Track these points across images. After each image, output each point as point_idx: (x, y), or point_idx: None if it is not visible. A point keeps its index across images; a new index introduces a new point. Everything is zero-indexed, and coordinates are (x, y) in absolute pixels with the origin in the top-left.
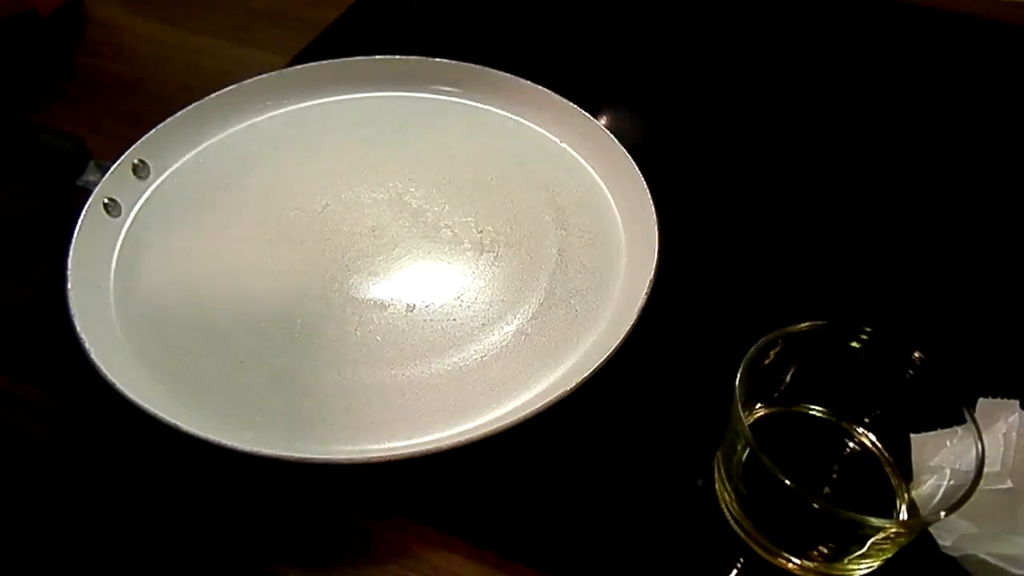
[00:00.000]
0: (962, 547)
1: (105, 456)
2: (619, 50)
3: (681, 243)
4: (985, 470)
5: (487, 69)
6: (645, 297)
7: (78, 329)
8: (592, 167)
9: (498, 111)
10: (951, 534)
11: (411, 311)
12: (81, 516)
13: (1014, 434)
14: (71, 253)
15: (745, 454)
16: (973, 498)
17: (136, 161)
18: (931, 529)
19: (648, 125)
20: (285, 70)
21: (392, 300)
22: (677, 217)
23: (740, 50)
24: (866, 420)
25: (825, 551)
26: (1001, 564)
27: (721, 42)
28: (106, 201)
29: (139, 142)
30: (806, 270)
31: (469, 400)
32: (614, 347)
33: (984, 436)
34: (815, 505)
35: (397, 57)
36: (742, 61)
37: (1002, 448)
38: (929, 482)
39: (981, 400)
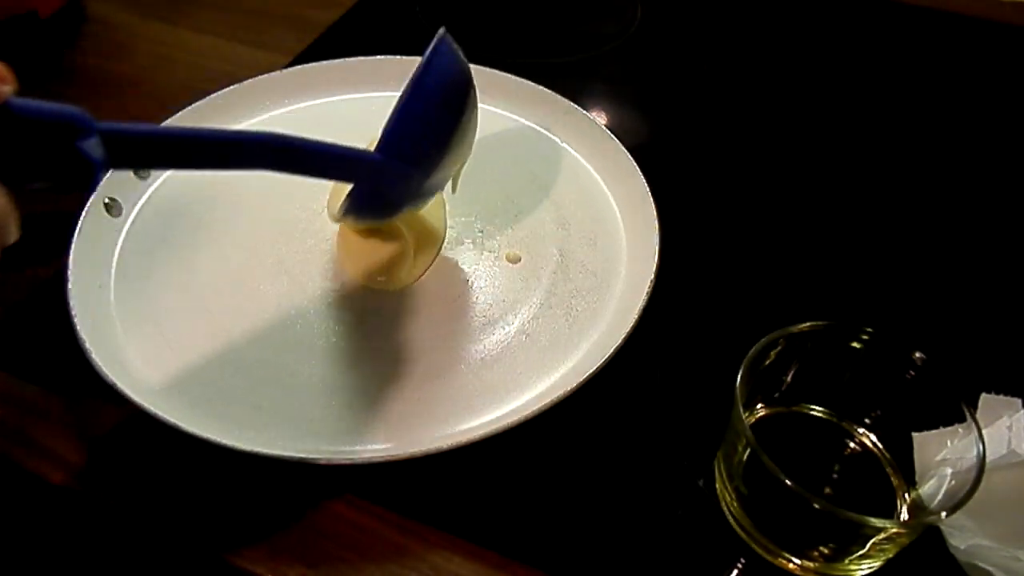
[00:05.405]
0: (972, 554)
1: (105, 456)
2: (620, 50)
3: (681, 243)
4: (991, 457)
5: (487, 69)
6: (646, 297)
7: (78, 329)
8: (592, 167)
9: (498, 111)
10: (964, 537)
11: (411, 311)
12: (81, 517)
13: (1019, 428)
14: (71, 253)
15: (746, 454)
16: (979, 492)
17: None
18: (943, 528)
19: (648, 125)
20: (285, 70)
21: (392, 300)
22: (677, 217)
23: (740, 50)
24: (867, 420)
25: (826, 551)
26: None
27: (721, 42)
28: (106, 201)
29: None
30: (806, 270)
31: (469, 400)
32: (615, 347)
33: (988, 430)
34: (816, 505)
35: (397, 57)
36: (742, 61)
37: (1007, 437)
38: (932, 481)
39: (984, 395)
